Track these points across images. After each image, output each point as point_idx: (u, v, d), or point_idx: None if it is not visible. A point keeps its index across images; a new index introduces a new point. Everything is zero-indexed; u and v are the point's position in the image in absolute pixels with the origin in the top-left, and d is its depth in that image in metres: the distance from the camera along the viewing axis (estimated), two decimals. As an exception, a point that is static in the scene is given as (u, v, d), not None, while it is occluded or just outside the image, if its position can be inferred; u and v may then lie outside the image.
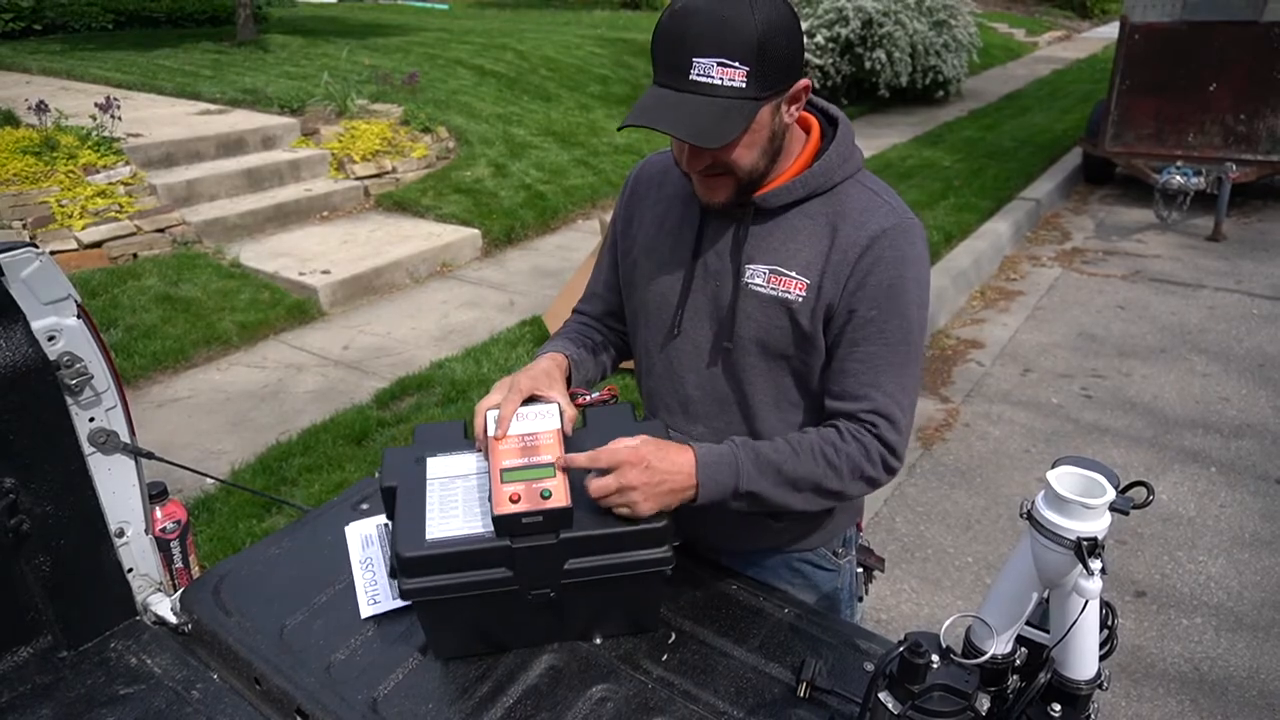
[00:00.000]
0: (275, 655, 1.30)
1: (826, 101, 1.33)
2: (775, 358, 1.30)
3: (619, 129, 1.20)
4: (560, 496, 1.14)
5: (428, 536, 1.16)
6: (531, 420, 1.24)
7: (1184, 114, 6.65)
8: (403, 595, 1.18)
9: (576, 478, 1.18)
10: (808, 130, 1.30)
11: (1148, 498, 0.94)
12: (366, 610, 1.38)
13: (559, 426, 1.24)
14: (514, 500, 1.13)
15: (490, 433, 1.23)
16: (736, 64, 1.08)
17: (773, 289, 1.26)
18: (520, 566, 1.17)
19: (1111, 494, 0.88)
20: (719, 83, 1.09)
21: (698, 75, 1.09)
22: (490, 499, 1.15)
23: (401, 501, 1.22)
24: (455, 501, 1.21)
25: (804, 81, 1.17)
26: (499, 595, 1.20)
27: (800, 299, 1.24)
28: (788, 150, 1.25)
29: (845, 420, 1.26)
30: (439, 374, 4.19)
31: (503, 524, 1.14)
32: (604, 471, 1.17)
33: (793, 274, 1.25)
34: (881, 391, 1.24)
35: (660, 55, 1.13)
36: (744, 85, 1.09)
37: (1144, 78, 6.72)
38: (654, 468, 1.17)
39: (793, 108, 1.19)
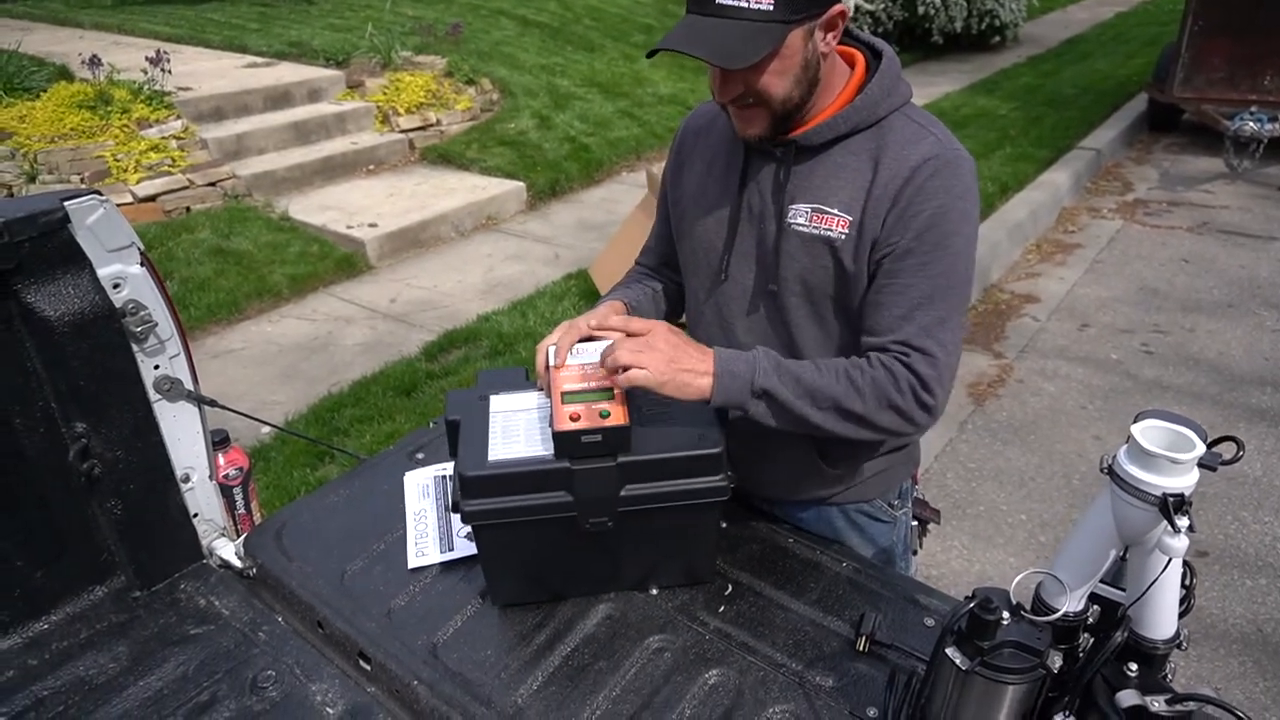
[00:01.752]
0: (337, 600, 1.33)
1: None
2: (821, 299, 1.27)
3: (647, 55, 1.18)
4: (619, 416, 1.16)
5: (490, 458, 1.18)
6: (591, 353, 1.25)
7: (1260, 56, 6.31)
8: (464, 518, 1.19)
9: (635, 410, 1.19)
10: (852, 65, 1.26)
11: (1238, 453, 0.89)
12: (414, 562, 1.40)
13: None
14: (574, 419, 1.15)
15: (551, 363, 1.24)
16: None
17: (815, 228, 1.23)
18: (579, 490, 1.19)
19: (1202, 449, 0.84)
20: (745, 5, 1.08)
21: None
22: (551, 422, 1.17)
23: (465, 432, 1.24)
24: (517, 430, 1.23)
25: (839, 7, 1.13)
26: (557, 527, 1.21)
27: (843, 236, 1.21)
28: (829, 85, 1.21)
29: (877, 353, 1.22)
30: (485, 327, 4.20)
31: (562, 441, 1.16)
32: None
33: (835, 211, 1.21)
34: (915, 324, 1.18)
35: None
36: (771, 8, 1.08)
37: (1218, 18, 6.37)
38: (680, 342, 1.18)
39: (829, 35, 1.15)
